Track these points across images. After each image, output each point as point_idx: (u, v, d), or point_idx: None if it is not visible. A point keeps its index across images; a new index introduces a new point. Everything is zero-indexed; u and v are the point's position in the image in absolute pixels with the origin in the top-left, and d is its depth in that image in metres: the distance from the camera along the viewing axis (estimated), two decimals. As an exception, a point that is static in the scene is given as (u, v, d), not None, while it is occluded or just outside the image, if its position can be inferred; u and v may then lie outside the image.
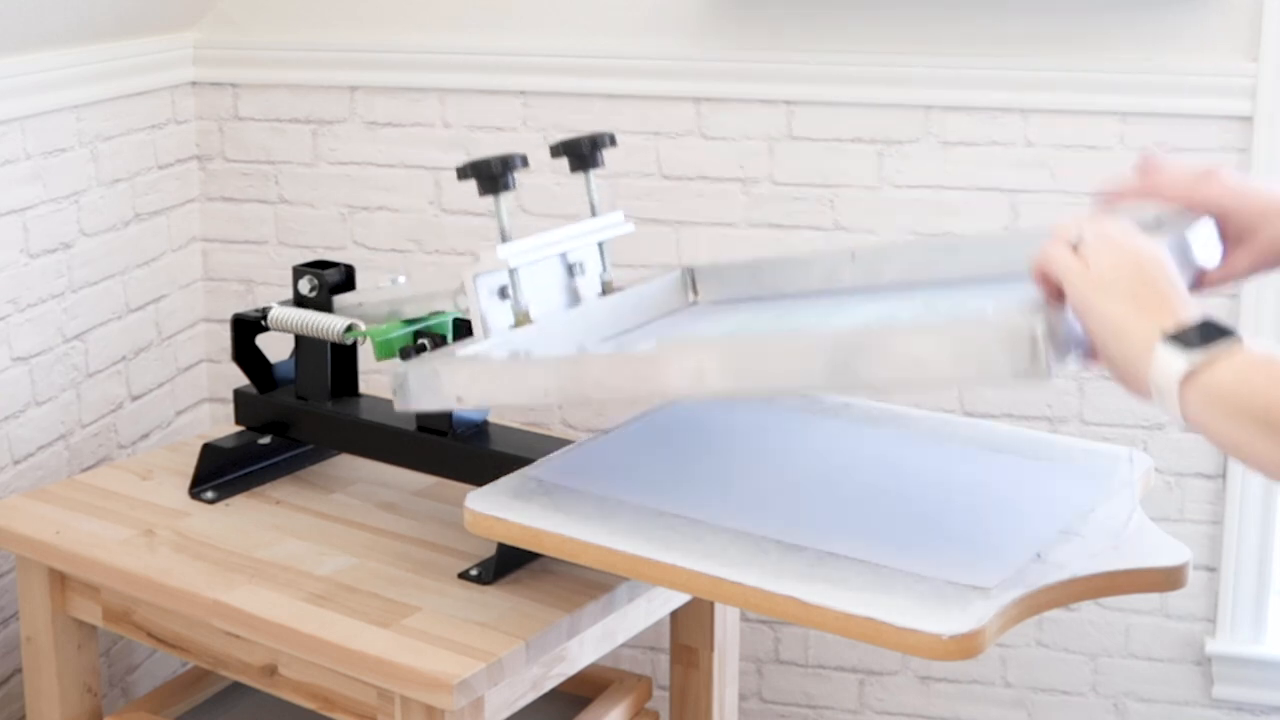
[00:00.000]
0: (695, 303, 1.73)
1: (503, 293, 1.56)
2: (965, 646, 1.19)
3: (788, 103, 2.18)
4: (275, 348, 1.86)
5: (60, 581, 1.76)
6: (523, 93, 2.28)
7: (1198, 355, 0.99)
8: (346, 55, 2.33)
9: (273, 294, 2.32)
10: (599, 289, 1.66)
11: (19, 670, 1.96)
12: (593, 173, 1.70)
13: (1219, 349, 0.99)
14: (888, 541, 1.25)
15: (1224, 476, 2.11)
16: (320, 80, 2.35)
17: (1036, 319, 1.09)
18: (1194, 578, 1.81)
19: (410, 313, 1.72)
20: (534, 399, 1.37)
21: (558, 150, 1.68)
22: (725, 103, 2.21)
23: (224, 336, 2.34)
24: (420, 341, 1.69)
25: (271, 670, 1.59)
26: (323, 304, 1.81)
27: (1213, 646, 2.16)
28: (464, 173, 1.56)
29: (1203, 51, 2.04)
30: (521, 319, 1.55)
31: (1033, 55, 2.08)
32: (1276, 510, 2.09)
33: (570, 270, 1.64)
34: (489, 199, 1.56)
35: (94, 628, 1.79)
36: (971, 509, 1.43)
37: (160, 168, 2.32)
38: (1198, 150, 2.05)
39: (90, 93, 2.13)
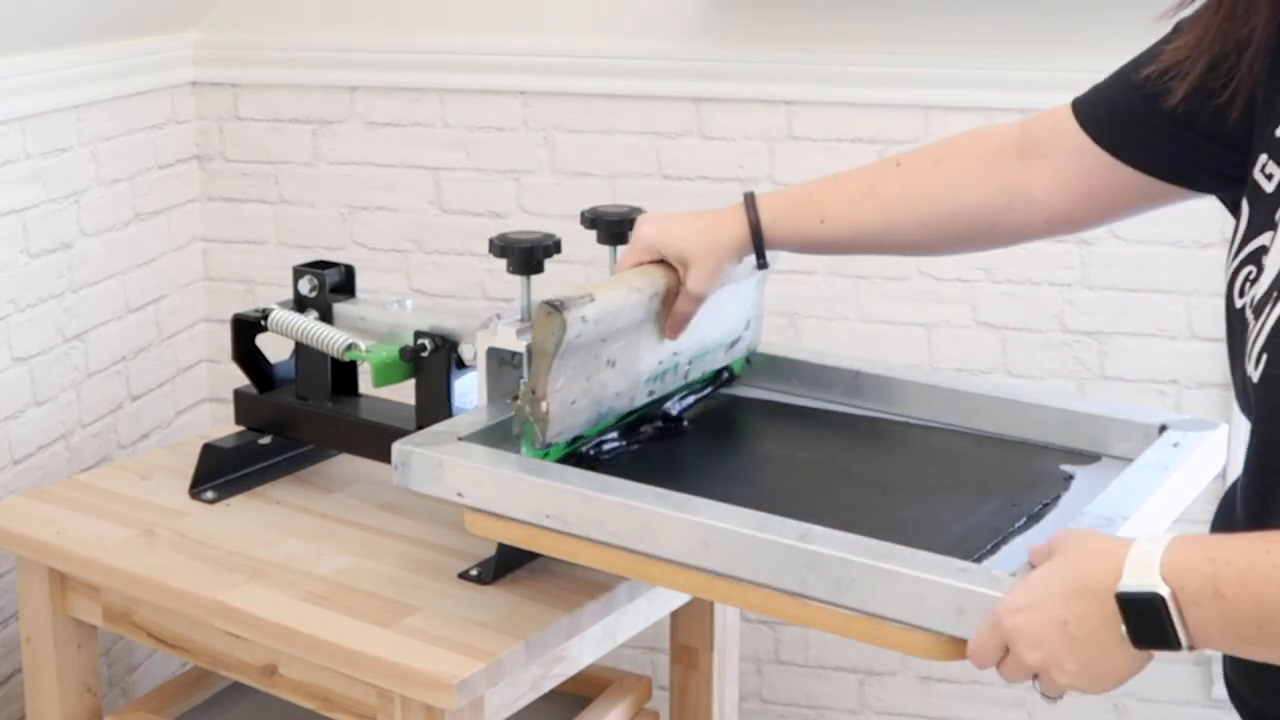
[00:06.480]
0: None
1: (511, 360, 1.58)
2: (965, 647, 1.19)
3: (788, 103, 2.18)
4: (275, 348, 1.86)
5: (60, 581, 1.76)
6: (523, 93, 2.28)
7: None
8: (346, 55, 2.33)
9: (273, 294, 2.32)
10: None
11: (19, 670, 1.96)
12: (620, 248, 1.70)
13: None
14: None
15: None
16: (320, 80, 2.35)
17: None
18: (1194, 578, 1.81)
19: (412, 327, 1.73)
20: (534, 518, 1.39)
21: (588, 221, 1.69)
22: (725, 103, 2.21)
23: (224, 336, 2.34)
24: (420, 342, 1.69)
25: (271, 670, 1.59)
26: (323, 304, 1.81)
27: (1213, 646, 2.15)
28: (497, 249, 1.57)
29: (1203, 51, 2.04)
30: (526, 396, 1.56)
31: (1033, 55, 2.08)
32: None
33: None
34: (519, 277, 1.58)
35: (94, 628, 1.79)
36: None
37: (160, 168, 2.32)
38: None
39: (90, 93, 2.13)
